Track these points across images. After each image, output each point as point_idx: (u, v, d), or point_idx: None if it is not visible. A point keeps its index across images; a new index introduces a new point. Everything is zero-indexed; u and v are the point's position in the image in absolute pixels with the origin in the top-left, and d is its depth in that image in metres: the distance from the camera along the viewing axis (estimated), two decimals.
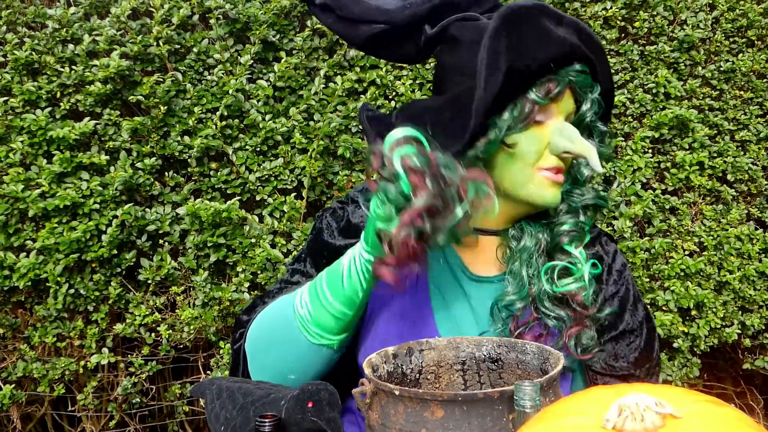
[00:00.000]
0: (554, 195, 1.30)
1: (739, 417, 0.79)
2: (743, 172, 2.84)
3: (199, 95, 2.51)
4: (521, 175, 1.28)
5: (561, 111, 1.28)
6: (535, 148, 1.26)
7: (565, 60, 1.25)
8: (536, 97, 1.25)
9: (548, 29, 1.23)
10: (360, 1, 1.32)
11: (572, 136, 1.25)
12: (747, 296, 2.80)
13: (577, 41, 1.26)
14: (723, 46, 2.85)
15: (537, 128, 1.27)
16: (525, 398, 0.94)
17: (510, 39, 1.21)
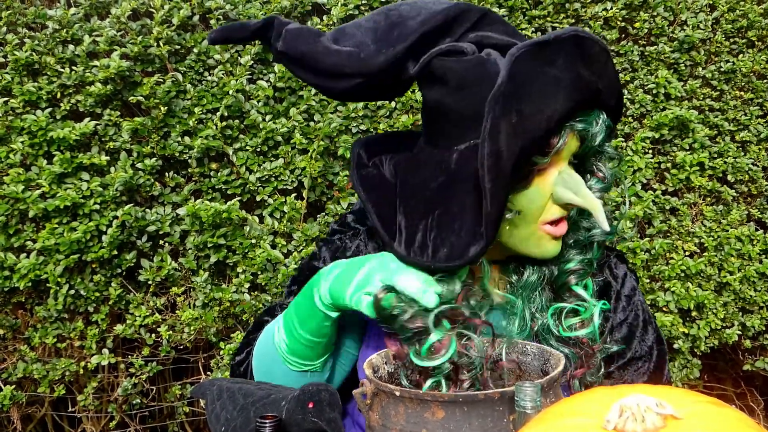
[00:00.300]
0: (555, 248, 1.23)
1: (739, 418, 0.79)
2: (744, 172, 2.84)
3: (199, 96, 2.51)
4: (524, 231, 1.21)
5: (565, 156, 1.18)
6: (537, 204, 1.18)
7: (578, 111, 1.15)
8: (537, 158, 1.16)
9: (566, 78, 1.10)
10: (330, 51, 1.21)
11: (577, 187, 1.17)
12: (747, 297, 2.80)
13: (597, 87, 1.15)
14: (723, 46, 2.85)
15: (538, 180, 1.18)
16: (526, 399, 0.94)
17: (518, 112, 1.08)
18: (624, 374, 1.35)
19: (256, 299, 2.51)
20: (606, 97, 1.17)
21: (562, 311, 1.24)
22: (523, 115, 1.07)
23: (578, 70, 1.11)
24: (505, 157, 1.06)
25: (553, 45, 1.11)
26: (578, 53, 1.12)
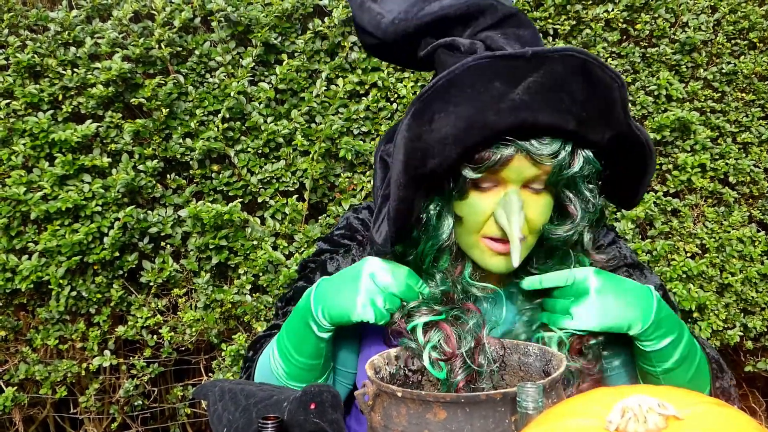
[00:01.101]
0: (501, 264, 1.20)
1: (741, 418, 0.79)
2: (745, 174, 2.84)
3: (200, 98, 2.51)
4: (467, 239, 1.21)
5: (512, 179, 1.14)
6: (475, 218, 1.18)
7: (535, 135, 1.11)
8: (466, 170, 1.14)
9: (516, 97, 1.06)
10: (364, 6, 1.23)
11: (510, 212, 1.14)
12: (749, 298, 2.80)
13: (529, 115, 1.07)
14: (724, 48, 2.85)
15: (478, 196, 1.17)
16: (528, 400, 0.94)
17: (431, 119, 1.08)
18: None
19: (257, 301, 2.51)
20: (587, 130, 1.12)
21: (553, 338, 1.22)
22: (434, 120, 1.07)
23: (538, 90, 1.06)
24: (405, 157, 1.08)
25: (517, 60, 1.06)
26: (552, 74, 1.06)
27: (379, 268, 1.20)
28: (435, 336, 1.20)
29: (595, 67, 1.07)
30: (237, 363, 2.52)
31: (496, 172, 1.14)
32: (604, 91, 1.09)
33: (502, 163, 1.11)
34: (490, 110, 1.06)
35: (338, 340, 1.32)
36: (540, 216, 1.19)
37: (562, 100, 1.07)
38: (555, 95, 1.06)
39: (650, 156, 1.20)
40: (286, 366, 1.27)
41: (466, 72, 1.06)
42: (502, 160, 1.11)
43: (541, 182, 1.17)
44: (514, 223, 1.13)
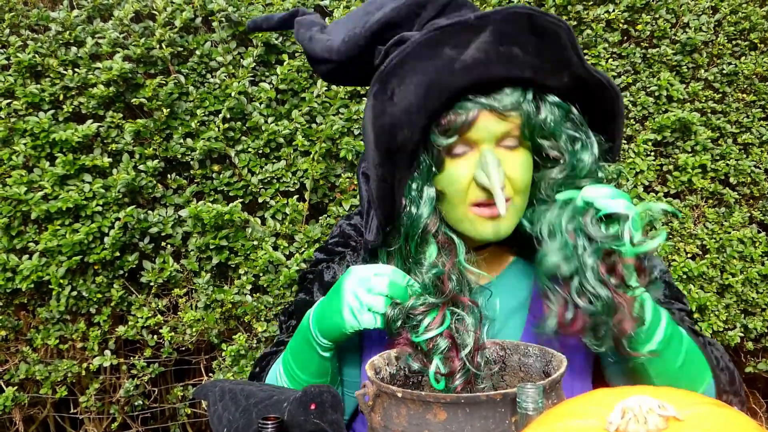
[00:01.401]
0: (493, 229, 1.20)
1: (741, 419, 0.79)
2: (746, 174, 2.84)
3: (201, 98, 2.51)
4: (454, 213, 1.21)
5: (484, 138, 1.16)
6: (457, 187, 1.18)
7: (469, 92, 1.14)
8: (436, 138, 1.16)
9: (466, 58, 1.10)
10: (313, 38, 1.27)
11: (486, 169, 1.15)
12: (749, 299, 2.80)
13: (483, 71, 1.11)
14: (725, 49, 2.85)
15: (455, 164, 1.18)
16: (528, 400, 0.94)
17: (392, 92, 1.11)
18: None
19: (257, 301, 2.51)
20: (544, 76, 1.15)
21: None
22: (395, 94, 1.11)
23: (489, 48, 1.10)
24: (374, 135, 1.12)
25: (462, 26, 1.11)
26: (500, 32, 1.11)
27: (359, 274, 1.20)
28: (442, 343, 1.19)
29: (539, 18, 1.12)
30: (237, 363, 2.52)
31: (466, 134, 1.16)
32: (552, 37, 1.13)
33: (469, 123, 1.14)
34: (444, 73, 1.10)
35: (343, 353, 1.34)
36: (520, 173, 1.18)
37: (513, 53, 1.11)
38: (506, 49, 1.10)
39: (616, 97, 1.22)
40: (292, 385, 1.29)
41: (416, 46, 1.11)
42: (468, 119, 1.13)
43: (514, 138, 1.18)
44: (493, 175, 1.13)
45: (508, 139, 1.18)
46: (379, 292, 1.18)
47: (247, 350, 2.53)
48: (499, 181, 1.13)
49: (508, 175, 1.17)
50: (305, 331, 1.26)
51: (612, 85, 1.21)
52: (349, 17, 1.26)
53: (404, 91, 1.11)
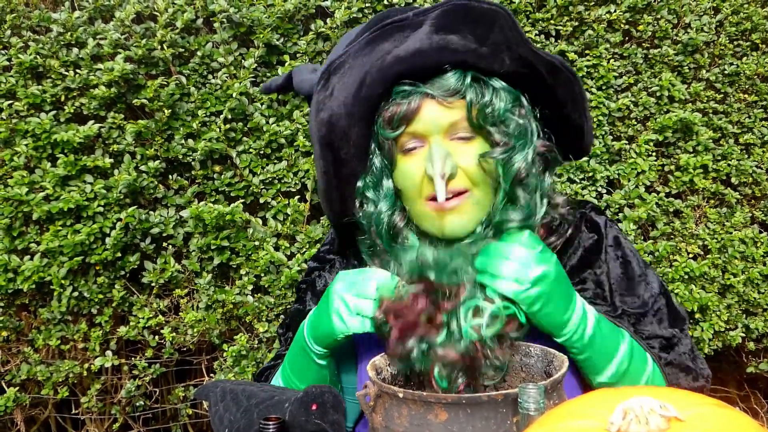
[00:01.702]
0: (453, 225, 1.19)
1: (743, 419, 0.79)
2: (747, 175, 2.84)
3: (203, 98, 2.51)
4: (414, 210, 1.21)
5: (432, 130, 1.17)
6: (411, 182, 1.19)
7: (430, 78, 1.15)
8: (383, 131, 1.17)
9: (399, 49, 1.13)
10: (303, 80, 1.30)
11: (432, 159, 1.15)
12: (751, 299, 2.80)
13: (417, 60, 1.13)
14: (727, 49, 2.85)
15: (408, 160, 1.19)
16: (529, 401, 0.94)
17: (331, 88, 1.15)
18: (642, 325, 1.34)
19: (259, 301, 2.51)
20: (482, 59, 1.14)
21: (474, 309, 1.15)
22: (335, 89, 1.13)
23: (424, 38, 1.12)
24: (316, 129, 1.15)
25: (401, 23, 1.14)
26: (438, 24, 1.12)
27: (346, 279, 1.20)
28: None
29: (475, 7, 1.13)
30: (238, 364, 2.52)
31: (413, 126, 1.16)
32: (489, 21, 1.14)
33: (412, 113, 1.14)
34: (377, 64, 1.12)
35: (340, 360, 1.35)
36: (475, 161, 1.18)
37: (448, 40, 1.12)
38: (441, 38, 1.12)
39: (573, 77, 1.21)
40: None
41: (358, 45, 1.14)
42: (411, 109, 1.14)
43: (466, 129, 1.18)
44: (435, 162, 1.13)
45: (459, 131, 1.18)
46: (366, 296, 1.18)
47: (248, 351, 2.53)
48: (440, 168, 1.12)
49: (463, 167, 1.17)
50: (300, 341, 1.26)
51: (566, 66, 1.21)
52: (334, 50, 1.28)
53: (342, 85, 1.14)
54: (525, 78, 1.19)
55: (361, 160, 1.19)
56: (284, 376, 1.33)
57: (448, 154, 1.15)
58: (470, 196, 1.18)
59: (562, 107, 1.23)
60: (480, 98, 1.16)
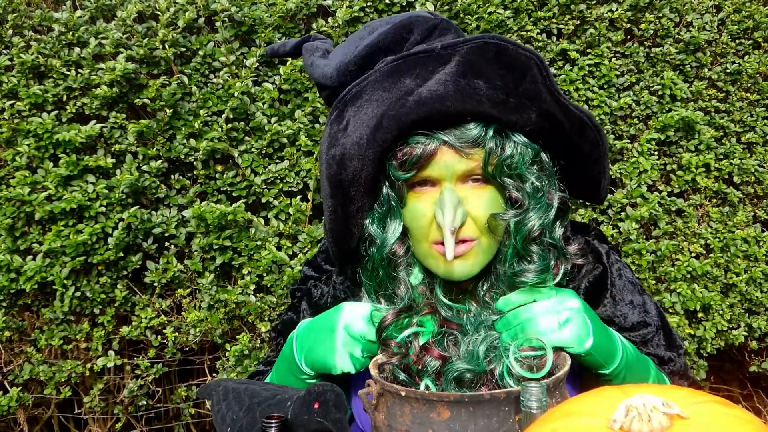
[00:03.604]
0: (458, 271, 1.16)
1: (745, 418, 0.79)
2: (750, 174, 2.83)
3: (204, 98, 2.51)
4: (419, 249, 1.19)
5: (445, 176, 1.12)
6: (418, 223, 1.15)
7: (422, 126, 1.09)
8: (394, 171, 1.12)
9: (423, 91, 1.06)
10: (313, 64, 1.25)
11: (442, 207, 1.11)
12: (754, 298, 2.79)
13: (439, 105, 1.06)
14: (729, 47, 2.85)
15: (417, 200, 1.16)
16: (532, 399, 0.94)
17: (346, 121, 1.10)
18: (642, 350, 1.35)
19: (261, 301, 2.51)
20: (508, 112, 1.09)
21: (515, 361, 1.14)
22: (349, 124, 1.08)
23: (449, 80, 1.06)
24: (326, 165, 1.11)
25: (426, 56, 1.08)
26: (466, 63, 1.07)
27: (354, 318, 1.18)
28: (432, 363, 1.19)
29: (509, 49, 1.07)
30: (241, 363, 2.52)
31: (426, 170, 1.12)
32: (521, 70, 1.08)
33: (426, 158, 1.10)
34: (397, 106, 1.06)
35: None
36: (485, 211, 1.15)
37: (476, 87, 1.06)
38: (469, 83, 1.06)
39: (598, 134, 1.17)
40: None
41: (378, 74, 1.08)
42: (425, 154, 1.09)
43: (481, 176, 1.14)
44: (446, 216, 1.10)
45: (473, 177, 1.14)
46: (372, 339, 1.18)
47: (250, 350, 2.53)
48: (450, 223, 1.10)
49: (472, 215, 1.14)
50: (289, 360, 1.25)
51: (593, 123, 1.16)
52: (347, 42, 1.23)
53: (357, 122, 1.09)
54: (549, 132, 1.14)
55: (368, 197, 1.15)
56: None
57: (460, 203, 1.12)
58: (477, 245, 1.16)
59: (583, 161, 1.19)
60: (500, 151, 1.11)
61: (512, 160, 1.12)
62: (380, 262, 1.18)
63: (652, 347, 1.36)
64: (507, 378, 1.13)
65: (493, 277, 1.20)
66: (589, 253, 1.32)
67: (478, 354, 1.15)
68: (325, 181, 1.13)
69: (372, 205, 1.17)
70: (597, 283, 1.33)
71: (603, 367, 1.17)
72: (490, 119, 1.09)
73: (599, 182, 1.22)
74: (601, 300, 1.33)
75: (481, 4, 2.62)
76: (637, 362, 1.24)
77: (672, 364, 1.37)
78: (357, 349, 1.18)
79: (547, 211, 1.15)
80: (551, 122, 1.12)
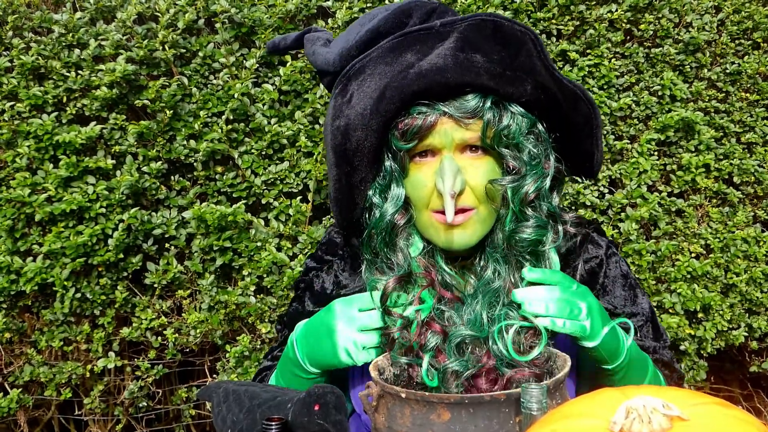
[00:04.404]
0: (457, 239, 1.20)
1: (745, 419, 0.79)
2: (749, 174, 2.83)
3: (204, 99, 2.51)
4: (420, 218, 1.22)
5: (445, 145, 1.17)
6: (418, 192, 1.20)
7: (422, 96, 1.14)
8: (396, 141, 1.17)
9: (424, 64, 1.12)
10: (316, 52, 1.29)
11: (442, 174, 1.16)
12: (754, 299, 2.79)
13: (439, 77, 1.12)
14: (728, 48, 2.85)
15: (418, 169, 1.20)
16: (532, 401, 0.94)
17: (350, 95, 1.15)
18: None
19: (261, 302, 2.51)
20: (504, 83, 1.14)
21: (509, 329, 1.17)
22: (353, 97, 1.13)
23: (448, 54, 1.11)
24: (331, 136, 1.16)
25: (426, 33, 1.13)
26: (464, 39, 1.12)
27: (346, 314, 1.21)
28: (432, 339, 1.21)
29: (505, 25, 1.12)
30: (241, 364, 2.52)
31: (426, 140, 1.16)
32: (517, 45, 1.13)
33: (427, 128, 1.14)
34: (399, 77, 1.11)
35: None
36: (483, 179, 1.19)
37: (474, 60, 1.11)
38: (467, 57, 1.11)
39: (591, 107, 1.21)
40: None
41: (380, 51, 1.13)
42: (426, 125, 1.14)
43: (479, 147, 1.18)
44: (446, 182, 1.14)
45: (471, 147, 1.18)
46: (369, 328, 1.21)
47: (251, 351, 2.53)
48: (450, 187, 1.14)
49: (471, 184, 1.18)
50: (293, 361, 1.28)
51: (587, 97, 1.21)
52: (348, 30, 1.27)
53: (361, 94, 1.14)
54: (544, 104, 1.19)
55: (371, 167, 1.19)
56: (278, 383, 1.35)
57: (459, 171, 1.16)
58: (476, 214, 1.20)
59: (577, 133, 1.23)
60: (497, 121, 1.16)
61: (509, 130, 1.16)
62: (381, 231, 1.21)
63: (641, 337, 1.40)
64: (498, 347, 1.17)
65: (490, 249, 1.24)
66: (585, 225, 1.35)
67: (480, 320, 1.19)
68: (330, 151, 1.18)
69: (375, 177, 1.21)
70: (592, 271, 1.37)
71: (607, 362, 1.19)
72: (488, 91, 1.14)
73: (592, 155, 1.26)
74: (594, 287, 1.37)
75: (480, 5, 2.62)
76: (638, 358, 1.27)
77: (658, 355, 1.40)
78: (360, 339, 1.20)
79: (543, 177, 1.19)
80: (546, 94, 1.17)
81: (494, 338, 1.17)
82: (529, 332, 1.17)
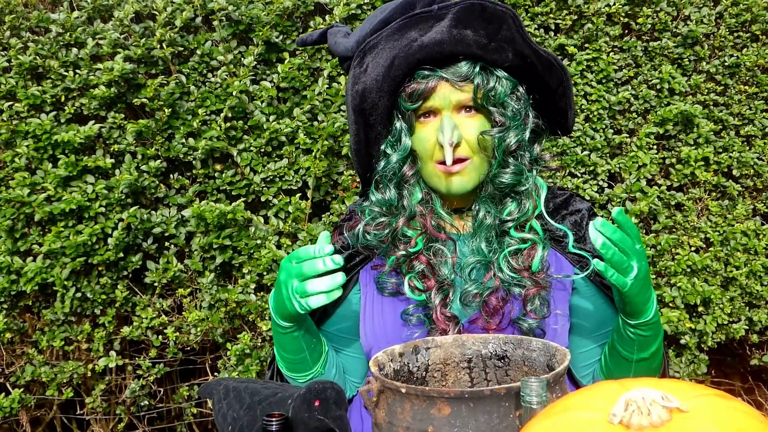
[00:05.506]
0: (456, 185, 1.41)
1: (745, 410, 0.79)
2: (749, 167, 2.83)
3: (203, 97, 2.51)
4: (426, 170, 1.44)
5: (444, 105, 1.39)
6: (424, 146, 1.41)
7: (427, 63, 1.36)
8: (404, 102, 1.39)
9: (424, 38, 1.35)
10: (337, 42, 1.50)
11: (442, 128, 1.38)
12: (754, 292, 2.80)
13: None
14: (727, 41, 2.84)
15: (423, 127, 1.41)
16: (532, 394, 0.94)
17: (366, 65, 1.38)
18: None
19: (262, 300, 2.51)
20: (490, 53, 1.36)
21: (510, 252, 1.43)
22: (368, 67, 1.38)
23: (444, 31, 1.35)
24: (351, 98, 1.40)
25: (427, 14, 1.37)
26: (457, 18, 1.35)
27: (288, 268, 1.36)
28: (417, 266, 1.44)
29: (490, 7, 1.37)
30: (242, 362, 2.52)
31: (428, 101, 1.38)
32: (499, 21, 1.37)
33: (429, 91, 1.37)
34: (405, 49, 1.36)
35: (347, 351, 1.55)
36: (476, 133, 1.40)
37: (465, 35, 1.35)
38: (459, 32, 1.35)
39: (562, 71, 1.44)
40: (281, 362, 1.47)
41: (390, 30, 1.39)
42: (428, 88, 1.37)
43: (471, 107, 1.40)
44: (445, 133, 1.36)
45: (466, 107, 1.40)
46: (310, 275, 1.33)
47: (251, 349, 2.53)
48: (449, 138, 1.35)
49: (466, 137, 1.39)
50: (272, 319, 1.44)
51: (559, 63, 1.43)
52: (365, 22, 1.48)
53: (374, 64, 1.37)
54: (523, 70, 1.41)
55: (385, 126, 1.42)
56: (276, 351, 1.48)
57: (456, 126, 1.37)
58: (471, 163, 1.40)
59: (552, 95, 1.45)
60: (485, 84, 1.38)
61: (495, 91, 1.39)
62: (388, 173, 1.43)
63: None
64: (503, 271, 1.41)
65: (483, 195, 1.45)
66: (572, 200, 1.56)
67: (481, 249, 1.43)
68: (350, 111, 1.42)
69: (387, 135, 1.43)
70: (576, 222, 1.54)
71: (637, 316, 1.34)
72: (477, 59, 1.37)
73: (566, 113, 1.48)
74: (578, 235, 1.51)
75: None
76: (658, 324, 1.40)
77: None
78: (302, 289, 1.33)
79: (523, 130, 1.42)
80: (524, 61, 1.40)
81: (499, 264, 1.41)
82: (524, 252, 1.43)
